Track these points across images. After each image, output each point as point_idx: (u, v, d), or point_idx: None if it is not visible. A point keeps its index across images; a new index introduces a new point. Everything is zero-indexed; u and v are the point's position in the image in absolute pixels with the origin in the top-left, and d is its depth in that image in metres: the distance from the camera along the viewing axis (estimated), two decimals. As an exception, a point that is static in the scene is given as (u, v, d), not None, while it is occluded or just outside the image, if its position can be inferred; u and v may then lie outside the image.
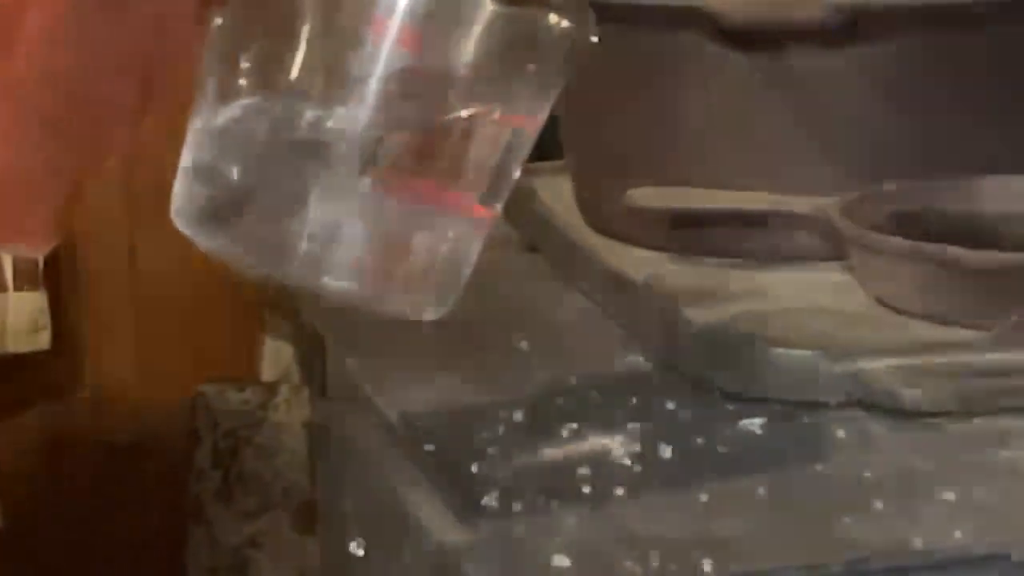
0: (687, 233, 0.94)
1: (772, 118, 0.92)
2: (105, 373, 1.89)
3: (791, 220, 0.91)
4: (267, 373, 1.94)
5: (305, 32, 0.62)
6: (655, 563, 0.65)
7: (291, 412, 1.86)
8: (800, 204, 0.91)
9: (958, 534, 0.67)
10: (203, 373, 1.88)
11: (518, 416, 0.79)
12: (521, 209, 1.02)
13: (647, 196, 0.93)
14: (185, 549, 1.88)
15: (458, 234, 0.65)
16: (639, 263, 0.92)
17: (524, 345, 0.88)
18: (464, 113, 0.63)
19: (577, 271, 0.95)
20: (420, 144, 0.63)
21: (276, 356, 1.92)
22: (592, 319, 0.91)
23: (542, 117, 0.65)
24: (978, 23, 0.91)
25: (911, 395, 0.76)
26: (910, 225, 0.89)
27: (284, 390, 1.88)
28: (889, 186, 0.91)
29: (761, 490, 0.71)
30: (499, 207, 0.66)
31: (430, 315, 0.66)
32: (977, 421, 0.76)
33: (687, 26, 0.90)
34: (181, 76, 0.64)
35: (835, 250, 0.90)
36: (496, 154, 0.64)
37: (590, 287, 0.93)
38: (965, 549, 0.67)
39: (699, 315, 0.83)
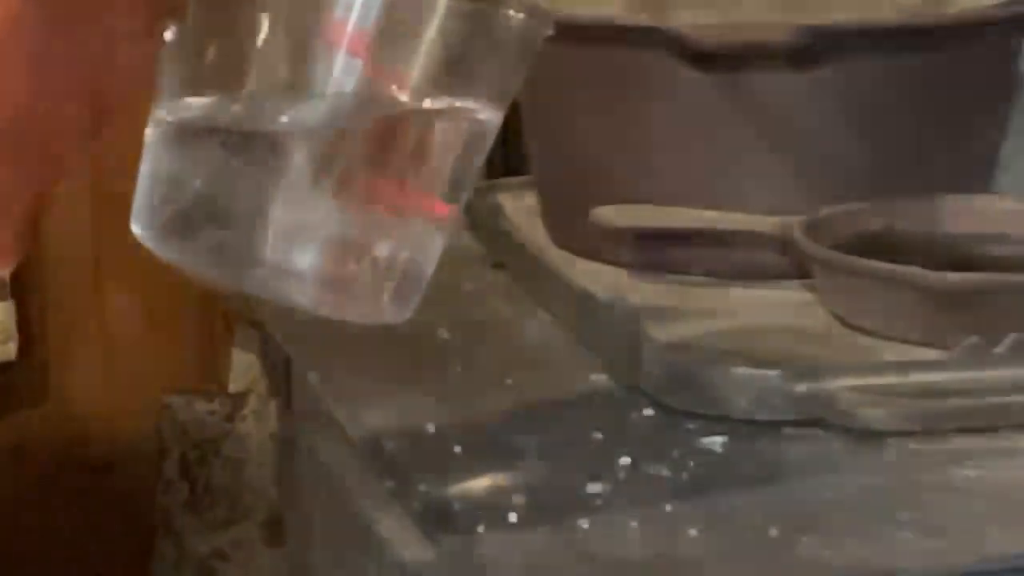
0: (651, 251, 0.94)
1: (736, 138, 0.92)
2: (72, 384, 1.89)
3: (755, 239, 0.92)
4: (235, 384, 1.93)
5: (261, 41, 0.62)
6: (616, 583, 0.65)
7: (259, 423, 1.86)
8: (764, 223, 0.91)
9: (918, 554, 0.67)
10: (170, 384, 1.88)
11: (482, 434, 0.79)
12: (487, 225, 1.03)
13: (612, 214, 0.94)
14: (152, 560, 1.88)
15: (419, 235, 0.65)
16: (604, 280, 0.92)
17: (488, 363, 0.88)
18: (422, 111, 0.63)
19: (542, 288, 0.96)
20: (378, 144, 0.63)
21: (244, 367, 1.92)
22: (557, 337, 0.91)
23: (502, 111, 0.65)
24: (939, 45, 0.92)
25: (871, 415, 0.76)
26: (872, 244, 0.90)
27: (252, 401, 1.87)
28: (851, 205, 0.92)
29: (722, 510, 0.71)
30: (461, 205, 0.66)
31: (394, 319, 0.66)
32: (937, 441, 0.76)
33: (653, 47, 0.91)
34: (135, 93, 0.63)
35: (798, 269, 0.90)
36: (456, 151, 0.64)
37: (555, 304, 0.93)
38: (925, 570, 0.67)
39: (662, 333, 0.83)
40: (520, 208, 1.04)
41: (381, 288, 0.64)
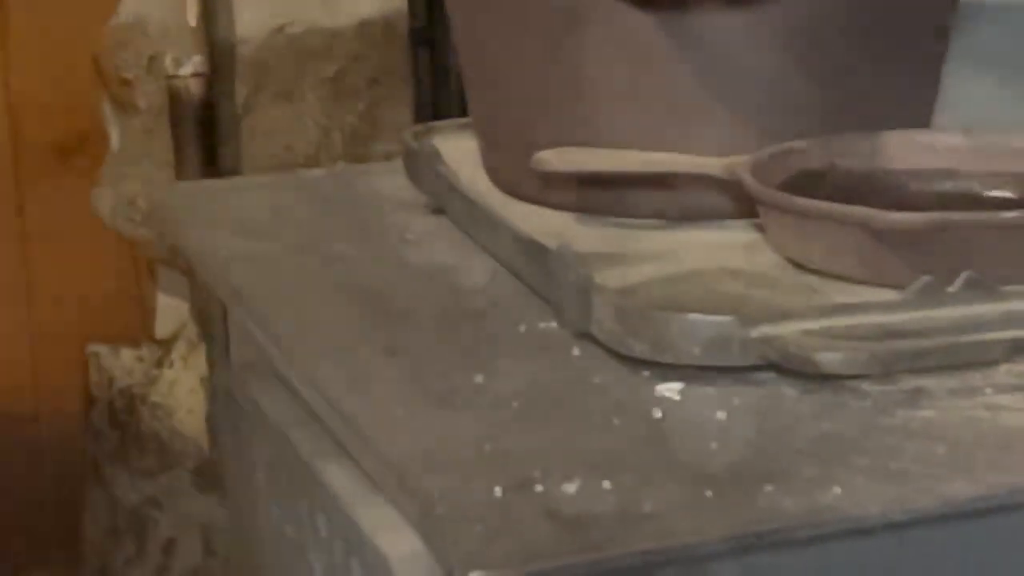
0: (596, 194, 0.93)
1: (679, 78, 0.91)
2: (-4, 335, 1.86)
3: (700, 180, 0.91)
4: (161, 330, 1.91)
5: None
6: (576, 540, 0.64)
7: (187, 369, 1.84)
8: (709, 164, 0.90)
9: (876, 500, 0.67)
10: (96, 332, 1.85)
11: (430, 385, 0.78)
12: (425, 170, 1.01)
13: (554, 158, 0.92)
14: (83, 511, 1.86)
15: None
16: (548, 226, 0.91)
17: (433, 312, 0.87)
18: None
19: (486, 234, 0.94)
20: None
21: (170, 313, 1.90)
22: (503, 284, 0.89)
23: None
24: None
25: (826, 359, 0.75)
26: (818, 182, 0.89)
27: (180, 347, 1.85)
28: (797, 143, 0.91)
29: (681, 459, 0.70)
30: None
31: None
32: (893, 383, 0.75)
33: (593, -14, 0.90)
34: None
35: (745, 209, 0.89)
36: None
37: (500, 251, 0.92)
38: (885, 514, 0.67)
39: (611, 280, 0.82)
40: (458, 151, 1.02)
41: None
